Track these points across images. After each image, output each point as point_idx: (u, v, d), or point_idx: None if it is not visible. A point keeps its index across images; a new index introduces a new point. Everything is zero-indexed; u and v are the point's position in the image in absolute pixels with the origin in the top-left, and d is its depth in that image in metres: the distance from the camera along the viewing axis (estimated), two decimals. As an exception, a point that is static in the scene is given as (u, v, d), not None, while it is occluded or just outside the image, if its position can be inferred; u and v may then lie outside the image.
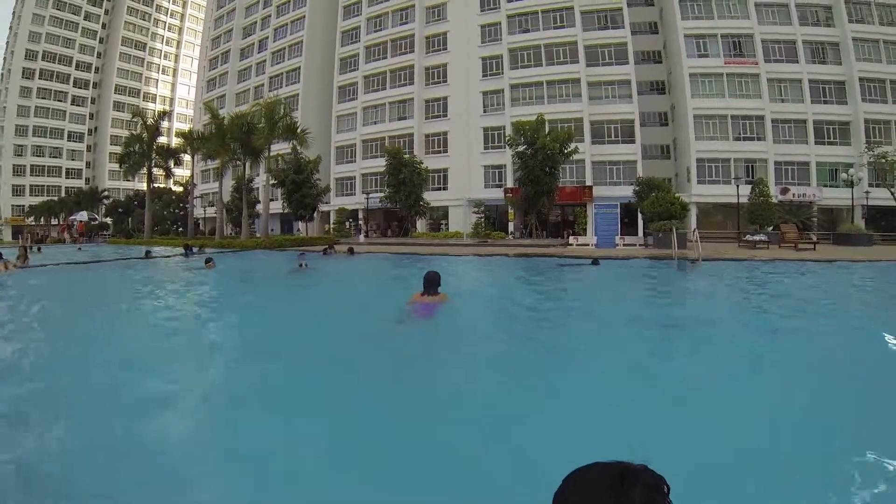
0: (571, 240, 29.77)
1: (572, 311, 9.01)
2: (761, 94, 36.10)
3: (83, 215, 48.37)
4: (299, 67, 47.74)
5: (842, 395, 4.18)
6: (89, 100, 72.35)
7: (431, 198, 37.25)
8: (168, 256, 21.55)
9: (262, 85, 50.29)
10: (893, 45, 36.37)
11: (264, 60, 51.27)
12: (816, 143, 36.01)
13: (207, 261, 14.95)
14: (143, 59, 75.54)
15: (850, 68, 35.81)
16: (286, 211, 39.59)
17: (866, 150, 33.17)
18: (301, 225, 41.11)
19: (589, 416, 3.65)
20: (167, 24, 78.83)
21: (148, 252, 21.61)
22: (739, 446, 3.15)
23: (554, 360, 5.44)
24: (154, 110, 50.29)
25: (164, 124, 52.06)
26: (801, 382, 4.66)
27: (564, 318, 8.14)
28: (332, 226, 41.57)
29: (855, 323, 7.79)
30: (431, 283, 6.56)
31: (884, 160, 31.81)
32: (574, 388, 4.36)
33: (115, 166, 51.18)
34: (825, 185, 35.40)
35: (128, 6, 73.67)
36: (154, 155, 41.08)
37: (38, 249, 26.14)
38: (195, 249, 22.81)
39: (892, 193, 32.01)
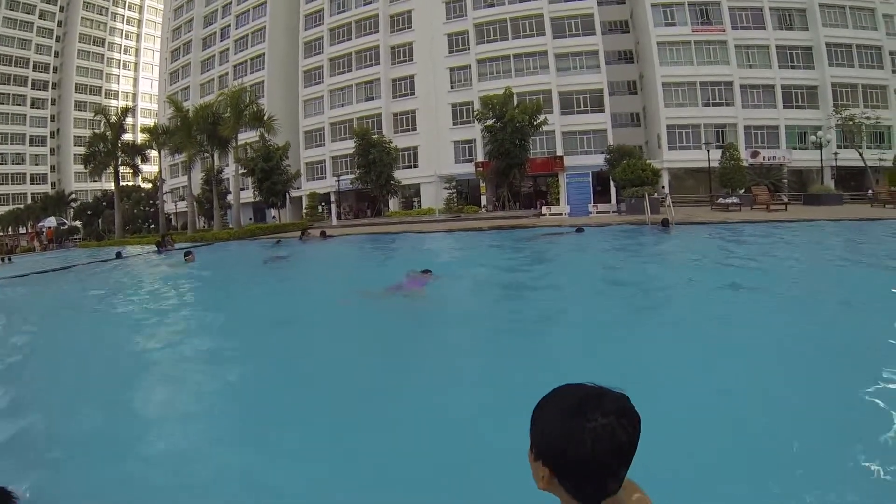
0: (544, 210, 30.04)
1: (561, 277, 9.38)
2: (729, 60, 36.70)
3: (51, 221, 47.34)
4: (263, 54, 47.18)
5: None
6: (49, 101, 70.45)
7: (402, 176, 37.32)
8: (138, 255, 21.03)
9: (227, 74, 49.55)
10: (859, 11, 37.17)
11: (227, 49, 50.50)
12: (785, 107, 36.80)
13: (186, 254, 14.16)
14: (103, 55, 73.56)
15: (817, 34, 36.56)
16: (258, 199, 39.29)
17: (834, 113, 33.89)
18: (274, 212, 40.85)
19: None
20: (126, 18, 76.84)
21: (119, 253, 20.95)
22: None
23: (547, 327, 5.70)
24: (117, 107, 49.23)
25: (129, 121, 51.31)
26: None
27: (552, 286, 8.40)
28: (304, 210, 41.39)
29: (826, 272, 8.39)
30: (423, 271, 8.33)
31: (851, 122, 32.59)
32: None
33: (81, 168, 50.08)
34: (794, 148, 36.20)
35: (84, 1, 71.66)
36: (119, 153, 40.34)
37: (9, 260, 25.52)
38: (169, 240, 22.37)
39: (860, 154, 32.81)
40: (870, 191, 30.61)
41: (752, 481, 2.47)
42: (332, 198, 38.91)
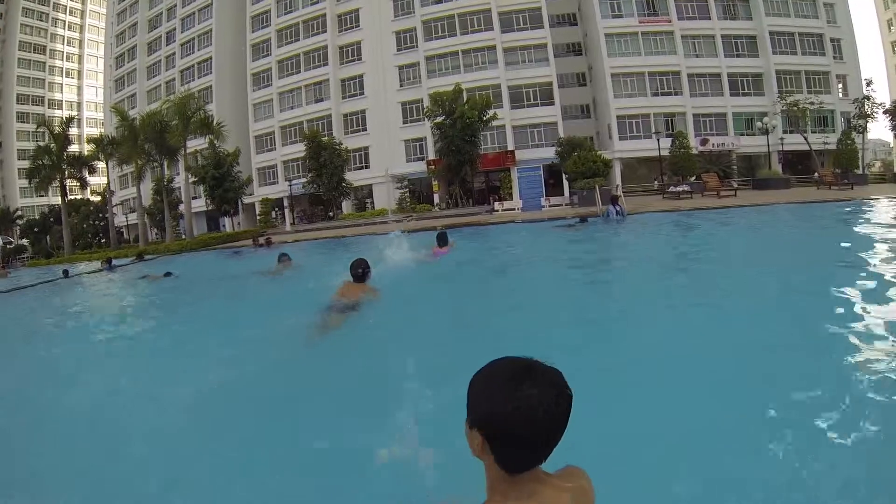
0: (497, 205, 30.55)
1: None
2: (676, 50, 37.99)
3: (-3, 241, 46.34)
4: (210, 58, 46.64)
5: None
6: (-10, 113, 68.48)
7: (354, 177, 37.51)
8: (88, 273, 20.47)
9: (174, 79, 48.88)
10: (801, 1, 38.89)
11: (174, 53, 49.76)
12: (731, 94, 38.28)
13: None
14: (45, 63, 71.30)
15: (761, 23, 38.13)
16: (211, 208, 39.13)
17: (779, 99, 35.48)
18: (228, 220, 40.73)
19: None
20: (67, 23, 74.59)
21: (66, 271, 20.28)
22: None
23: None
24: (61, 117, 48.09)
25: (74, 131, 50.21)
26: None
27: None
28: (258, 217, 41.39)
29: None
30: (441, 238, 9.87)
31: (796, 108, 34.16)
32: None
33: (26, 182, 49.06)
34: (742, 134, 37.70)
35: (22, 7, 69.22)
36: (65, 166, 39.63)
37: None
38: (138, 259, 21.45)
39: (805, 139, 34.48)
40: (816, 174, 32.29)
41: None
42: (285, 203, 39.03)
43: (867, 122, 36.13)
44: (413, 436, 2.77)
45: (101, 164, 44.65)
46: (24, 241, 52.73)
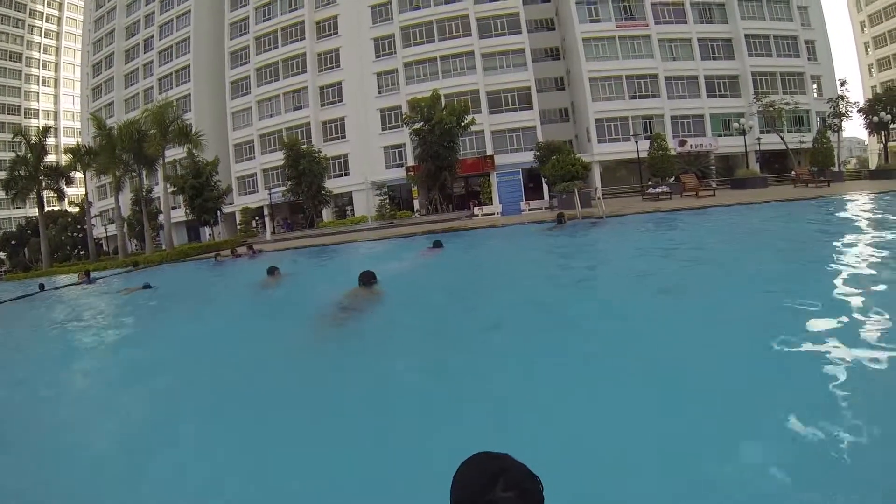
0: (476, 210, 30.85)
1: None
2: (653, 54, 38.58)
3: (-28, 255, 45.78)
4: (189, 65, 46.48)
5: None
6: (-35, 124, 67.50)
7: (334, 185, 37.63)
8: (66, 286, 19.96)
9: (152, 87, 48.60)
10: (775, 4, 39.79)
11: (151, 61, 49.50)
12: (709, 96, 38.96)
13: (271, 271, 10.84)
14: (21, 71, 70.55)
15: (736, 26, 38.96)
16: (190, 218, 39.03)
17: (755, 100, 36.31)
18: (208, 230, 40.61)
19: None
20: (43, 30, 73.83)
21: (41, 285, 19.99)
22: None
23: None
24: (38, 127, 47.59)
25: (51, 141, 49.86)
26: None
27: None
28: (238, 226, 41.30)
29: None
30: (436, 244, 11.73)
31: (772, 108, 34.91)
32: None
33: (2, 194, 48.48)
34: (720, 135, 38.37)
35: (-3, 15, 69.12)
36: (42, 176, 39.33)
37: None
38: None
39: (782, 138, 35.25)
40: (792, 172, 32.93)
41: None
42: (266, 211, 39.05)
43: (842, 120, 37.00)
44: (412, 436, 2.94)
45: (78, 175, 44.29)
46: (1, 255, 52.21)
